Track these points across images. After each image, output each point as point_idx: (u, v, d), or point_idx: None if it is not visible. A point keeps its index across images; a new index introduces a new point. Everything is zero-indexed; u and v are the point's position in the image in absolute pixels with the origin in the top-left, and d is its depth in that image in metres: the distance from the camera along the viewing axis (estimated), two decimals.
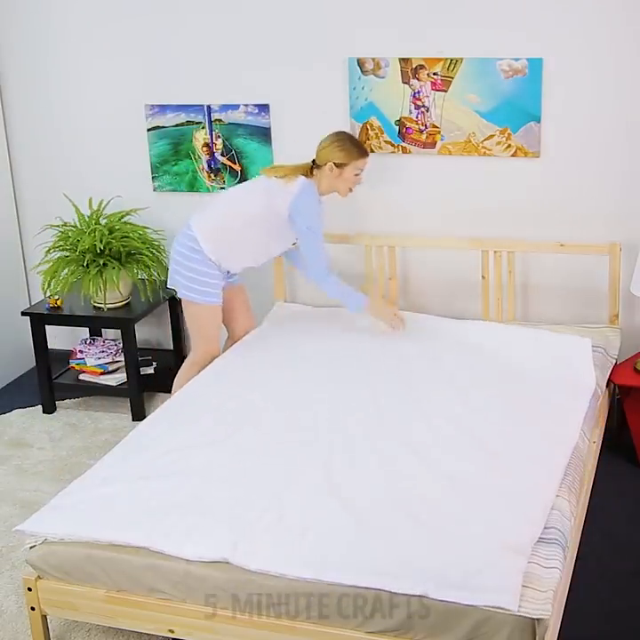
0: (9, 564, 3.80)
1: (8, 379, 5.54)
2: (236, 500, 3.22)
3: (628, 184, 4.52)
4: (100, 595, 3.12)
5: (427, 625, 2.78)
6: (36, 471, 4.52)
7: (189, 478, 3.37)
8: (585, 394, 3.95)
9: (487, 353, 4.28)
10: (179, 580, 2.99)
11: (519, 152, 4.58)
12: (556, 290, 4.77)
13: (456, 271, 4.89)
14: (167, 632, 3.09)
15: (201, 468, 3.44)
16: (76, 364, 5.16)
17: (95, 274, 4.83)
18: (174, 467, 3.46)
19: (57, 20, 5.07)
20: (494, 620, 2.70)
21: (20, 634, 3.40)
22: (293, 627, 2.91)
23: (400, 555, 2.90)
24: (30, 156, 5.39)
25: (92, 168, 5.29)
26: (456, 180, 4.75)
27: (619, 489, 4.16)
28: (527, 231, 4.71)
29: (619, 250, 4.50)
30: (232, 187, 4.74)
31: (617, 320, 4.60)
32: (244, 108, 4.94)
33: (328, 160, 4.36)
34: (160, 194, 5.22)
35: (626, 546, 3.77)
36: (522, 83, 4.47)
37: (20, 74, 5.24)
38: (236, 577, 2.94)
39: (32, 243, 5.50)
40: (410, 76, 4.61)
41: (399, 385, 4.04)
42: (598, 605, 3.42)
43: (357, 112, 4.74)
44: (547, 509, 3.11)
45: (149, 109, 5.08)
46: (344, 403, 3.90)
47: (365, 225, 4.93)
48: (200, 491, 3.29)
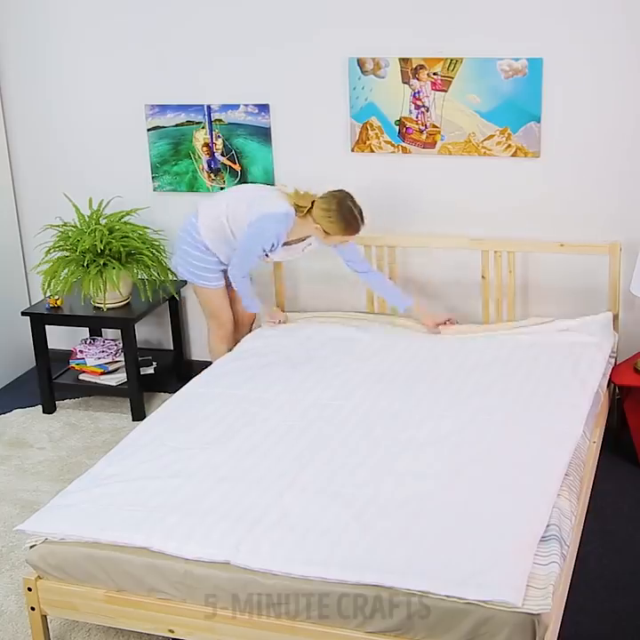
0: (9, 564, 3.80)
1: (8, 379, 5.54)
2: (236, 501, 3.22)
3: (628, 184, 4.52)
4: (99, 595, 3.12)
5: (427, 625, 2.78)
6: (35, 471, 4.52)
7: (190, 478, 3.37)
8: (588, 393, 3.95)
9: (489, 356, 4.28)
10: (178, 579, 2.99)
11: (519, 152, 4.58)
12: (556, 290, 4.77)
13: (456, 271, 4.89)
14: (167, 632, 3.09)
15: (201, 468, 3.44)
16: (76, 364, 5.15)
17: (95, 274, 4.83)
18: (174, 467, 3.46)
19: (57, 19, 5.07)
20: (494, 619, 2.70)
21: (19, 634, 3.39)
22: (293, 627, 2.91)
23: (404, 553, 2.90)
24: (30, 156, 5.39)
25: (92, 168, 5.29)
26: (456, 180, 4.74)
27: (619, 489, 4.16)
28: (527, 231, 4.71)
29: (619, 250, 4.50)
30: (248, 185, 4.87)
31: (617, 320, 4.60)
32: (244, 108, 4.94)
33: (318, 222, 4.32)
34: (160, 194, 5.22)
35: (626, 546, 3.76)
36: (522, 83, 4.47)
37: (20, 74, 5.24)
38: (237, 577, 2.94)
39: (32, 243, 5.50)
40: (410, 76, 4.61)
41: (400, 385, 4.05)
42: (598, 605, 3.42)
43: (357, 112, 4.74)
44: (549, 508, 3.11)
45: (149, 109, 5.08)
46: (346, 402, 3.91)
47: (366, 225, 4.92)
48: (200, 491, 3.29)
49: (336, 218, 4.27)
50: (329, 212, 4.28)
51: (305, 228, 4.39)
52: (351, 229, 4.31)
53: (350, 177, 4.87)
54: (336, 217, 4.27)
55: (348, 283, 5.01)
